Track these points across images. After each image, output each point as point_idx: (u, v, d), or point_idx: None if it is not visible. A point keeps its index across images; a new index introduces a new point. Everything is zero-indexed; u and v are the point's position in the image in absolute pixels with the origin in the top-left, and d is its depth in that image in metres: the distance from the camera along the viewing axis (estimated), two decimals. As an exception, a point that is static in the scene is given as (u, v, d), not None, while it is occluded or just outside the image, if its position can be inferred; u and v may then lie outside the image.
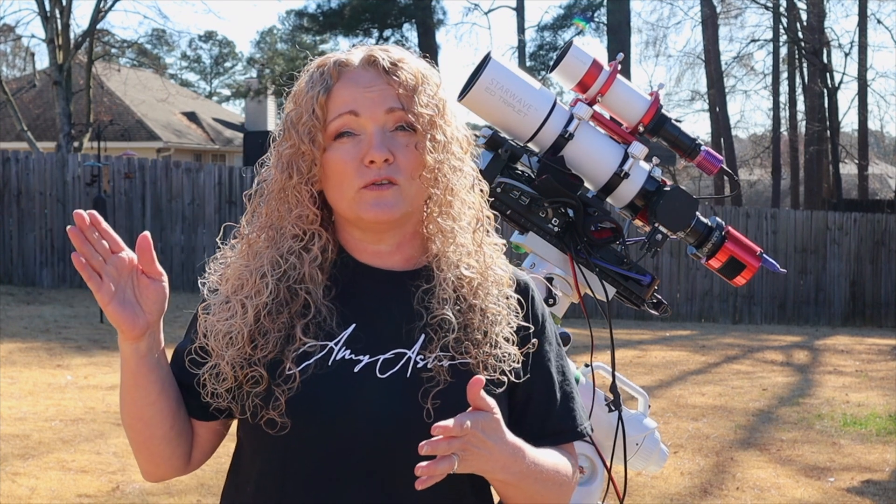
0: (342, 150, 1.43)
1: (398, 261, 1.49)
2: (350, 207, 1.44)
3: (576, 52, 2.09)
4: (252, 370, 1.40)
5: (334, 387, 1.39)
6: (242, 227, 1.50)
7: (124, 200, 14.20)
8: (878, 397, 8.69)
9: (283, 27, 37.61)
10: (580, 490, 2.17)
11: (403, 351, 1.42)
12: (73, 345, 9.51)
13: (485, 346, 1.43)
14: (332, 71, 1.45)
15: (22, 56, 33.13)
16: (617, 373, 2.11)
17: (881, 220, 16.68)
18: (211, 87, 53.34)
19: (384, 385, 1.40)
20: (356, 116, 1.43)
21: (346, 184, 1.43)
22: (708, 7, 26.40)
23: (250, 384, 1.40)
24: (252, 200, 1.50)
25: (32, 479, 5.23)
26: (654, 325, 13.93)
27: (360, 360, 1.41)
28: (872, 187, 31.99)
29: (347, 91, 1.44)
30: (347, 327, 1.43)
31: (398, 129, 1.44)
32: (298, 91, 1.48)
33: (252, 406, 1.40)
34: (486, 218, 1.52)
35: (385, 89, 1.43)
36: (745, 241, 2.19)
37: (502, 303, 1.48)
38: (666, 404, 7.99)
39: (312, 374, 1.39)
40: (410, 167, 1.43)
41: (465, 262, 1.47)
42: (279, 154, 1.47)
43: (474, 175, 1.51)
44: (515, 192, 2.05)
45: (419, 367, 1.41)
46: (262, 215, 1.47)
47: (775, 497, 5.53)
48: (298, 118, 1.45)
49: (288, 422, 1.37)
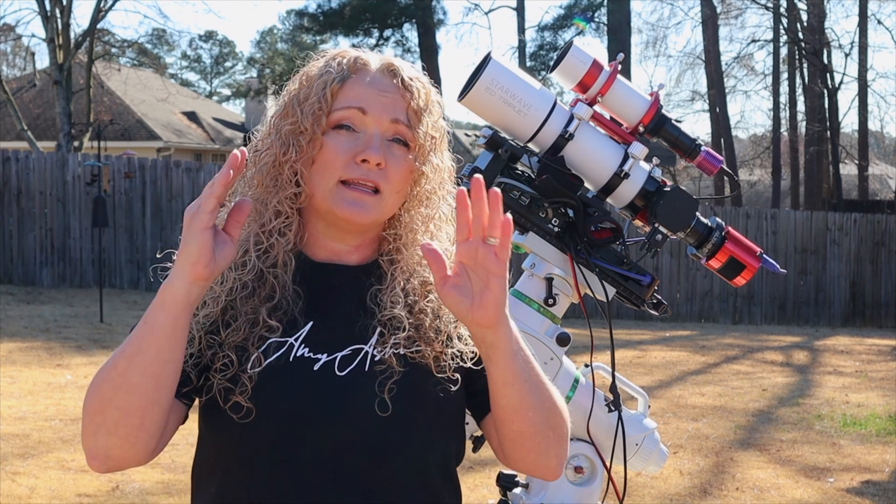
0: (338, 139, 1.45)
1: (353, 259, 1.51)
2: (325, 198, 1.45)
3: (576, 53, 2.09)
4: (223, 354, 1.39)
5: (295, 386, 1.39)
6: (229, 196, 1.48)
7: (124, 200, 14.20)
8: (878, 398, 8.69)
9: (283, 27, 37.68)
10: (580, 490, 2.18)
11: (360, 346, 1.43)
12: (73, 344, 9.51)
13: (436, 344, 1.45)
14: (350, 64, 1.48)
15: (22, 55, 33.17)
16: (617, 373, 2.11)
17: (881, 221, 16.67)
18: (211, 87, 53.40)
19: (344, 382, 1.40)
20: (363, 114, 1.45)
21: (328, 173, 1.44)
22: (708, 7, 26.40)
23: (220, 368, 1.39)
24: (247, 168, 1.48)
25: (32, 478, 5.23)
26: (654, 326, 13.93)
27: (318, 358, 1.41)
28: (872, 188, 32.00)
29: (361, 88, 1.46)
30: (305, 324, 1.43)
31: (395, 141, 1.46)
32: (309, 72, 1.50)
33: (220, 388, 1.38)
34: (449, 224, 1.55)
35: (398, 100, 1.46)
36: (745, 241, 2.19)
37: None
38: (666, 404, 7.99)
39: (273, 370, 1.39)
40: (397, 179, 1.46)
41: (423, 265, 1.50)
42: (277, 129, 1.47)
43: (453, 205, 1.53)
44: (515, 192, 2.05)
45: (376, 361, 1.42)
46: (252, 186, 1.47)
47: (775, 497, 5.53)
48: (305, 98, 1.46)
49: (252, 407, 1.36)
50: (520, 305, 2.11)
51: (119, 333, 10.13)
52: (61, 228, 13.99)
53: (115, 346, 9.51)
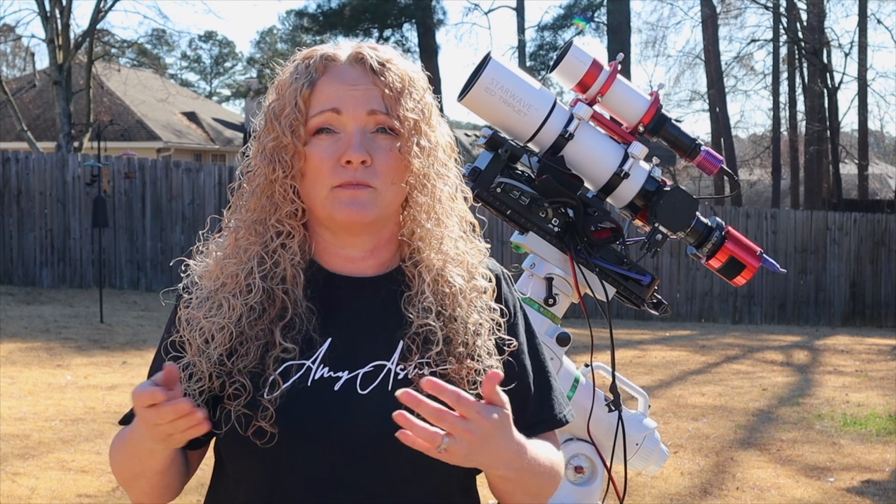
0: (320, 146, 1.39)
1: (371, 266, 1.45)
2: (323, 206, 1.40)
3: (576, 53, 2.09)
4: (234, 381, 1.35)
5: (316, 407, 1.35)
6: (226, 221, 1.46)
7: (124, 200, 14.20)
8: (878, 397, 8.69)
9: (283, 27, 37.71)
10: (580, 490, 2.18)
11: (382, 363, 1.39)
12: (73, 345, 9.51)
13: (466, 360, 1.40)
14: (317, 65, 1.42)
15: (22, 56, 33.12)
16: (617, 373, 2.11)
17: (881, 221, 16.67)
18: (211, 87, 53.40)
19: (366, 401, 1.36)
20: (338, 114, 1.39)
21: (320, 181, 1.39)
22: (708, 7, 26.39)
23: (234, 395, 1.35)
24: (236, 193, 1.46)
25: (32, 479, 5.23)
26: (654, 325, 13.93)
27: (339, 376, 1.37)
28: (872, 187, 31.99)
29: (332, 87, 1.40)
30: (324, 341, 1.39)
31: (379, 132, 1.40)
32: (282, 81, 1.45)
33: (238, 415, 1.35)
34: (469, 224, 1.49)
35: (370, 89, 1.40)
36: (745, 241, 2.19)
37: (485, 314, 1.44)
38: (666, 404, 7.99)
39: (292, 394, 1.35)
40: (388, 171, 1.39)
41: (449, 269, 1.43)
42: (262, 146, 1.43)
43: (458, 182, 1.48)
44: (515, 192, 2.05)
45: (399, 380, 1.37)
46: (249, 209, 1.43)
47: (775, 497, 5.53)
48: (281, 110, 1.41)
49: (276, 431, 1.33)
50: (520, 305, 2.11)
51: (119, 334, 10.14)
52: (61, 229, 13.99)
53: (114, 346, 9.55)
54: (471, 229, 1.49)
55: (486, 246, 1.51)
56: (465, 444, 1.23)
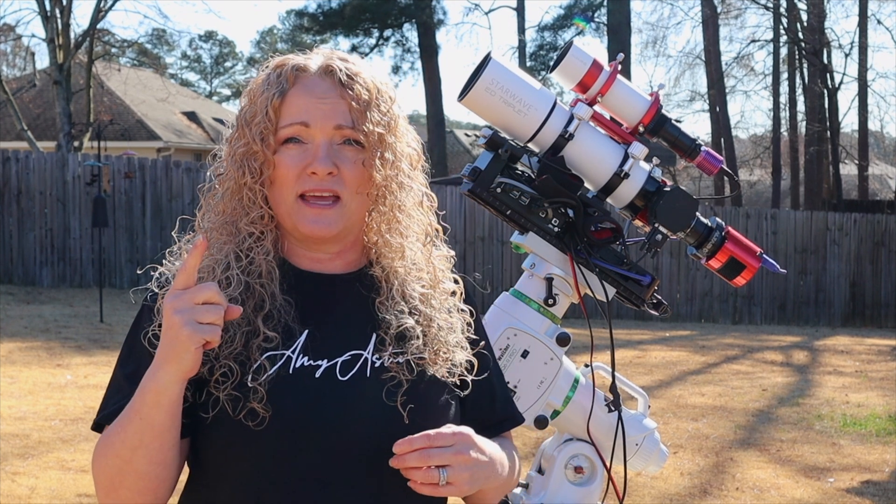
0: (288, 155, 1.44)
1: (338, 265, 1.51)
2: (288, 215, 1.45)
3: (576, 53, 2.09)
4: (221, 364, 1.38)
5: (302, 393, 1.39)
6: (199, 222, 1.51)
7: (124, 200, 14.20)
8: (878, 398, 8.69)
9: (283, 27, 37.74)
10: (580, 490, 2.18)
11: (359, 352, 1.44)
12: (73, 344, 9.51)
13: (440, 357, 1.47)
14: (289, 75, 1.46)
15: (22, 56, 33.14)
16: (617, 373, 2.11)
17: (881, 221, 16.68)
18: (211, 87, 53.41)
19: (347, 387, 1.41)
20: (306, 127, 1.44)
21: (286, 189, 1.44)
22: (708, 7, 26.40)
23: (221, 380, 1.38)
24: (205, 196, 1.50)
25: (32, 478, 5.23)
26: (654, 326, 13.93)
27: (319, 364, 1.42)
28: (872, 188, 31.99)
29: (301, 100, 1.44)
30: (302, 332, 1.43)
31: (346, 143, 1.45)
32: (254, 89, 1.48)
33: (229, 398, 1.37)
34: (434, 231, 1.55)
35: (338, 103, 1.44)
36: (745, 241, 2.19)
37: (455, 314, 1.52)
38: (666, 404, 7.99)
39: (277, 380, 1.39)
40: (355, 181, 1.45)
41: (414, 275, 1.51)
42: (233, 151, 1.47)
43: (423, 190, 1.53)
44: (515, 192, 2.05)
45: (377, 367, 1.43)
46: (220, 212, 1.48)
47: (775, 497, 5.53)
48: (252, 117, 1.46)
49: (269, 413, 1.35)
50: (520, 305, 2.11)
51: (119, 333, 10.13)
52: (61, 228, 13.99)
53: (114, 346, 9.53)
54: (436, 235, 1.55)
55: (451, 253, 1.59)
56: (463, 467, 1.34)
